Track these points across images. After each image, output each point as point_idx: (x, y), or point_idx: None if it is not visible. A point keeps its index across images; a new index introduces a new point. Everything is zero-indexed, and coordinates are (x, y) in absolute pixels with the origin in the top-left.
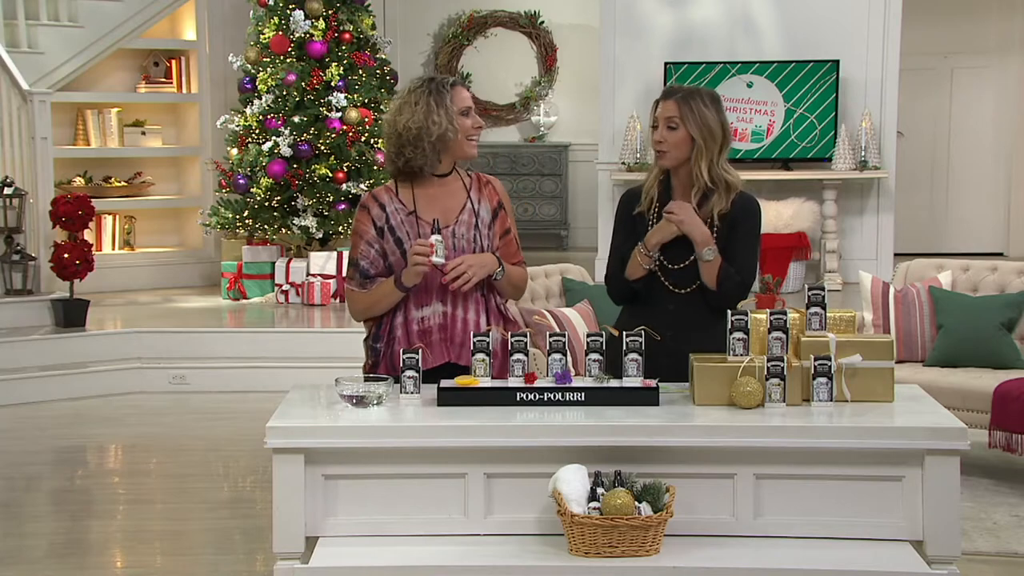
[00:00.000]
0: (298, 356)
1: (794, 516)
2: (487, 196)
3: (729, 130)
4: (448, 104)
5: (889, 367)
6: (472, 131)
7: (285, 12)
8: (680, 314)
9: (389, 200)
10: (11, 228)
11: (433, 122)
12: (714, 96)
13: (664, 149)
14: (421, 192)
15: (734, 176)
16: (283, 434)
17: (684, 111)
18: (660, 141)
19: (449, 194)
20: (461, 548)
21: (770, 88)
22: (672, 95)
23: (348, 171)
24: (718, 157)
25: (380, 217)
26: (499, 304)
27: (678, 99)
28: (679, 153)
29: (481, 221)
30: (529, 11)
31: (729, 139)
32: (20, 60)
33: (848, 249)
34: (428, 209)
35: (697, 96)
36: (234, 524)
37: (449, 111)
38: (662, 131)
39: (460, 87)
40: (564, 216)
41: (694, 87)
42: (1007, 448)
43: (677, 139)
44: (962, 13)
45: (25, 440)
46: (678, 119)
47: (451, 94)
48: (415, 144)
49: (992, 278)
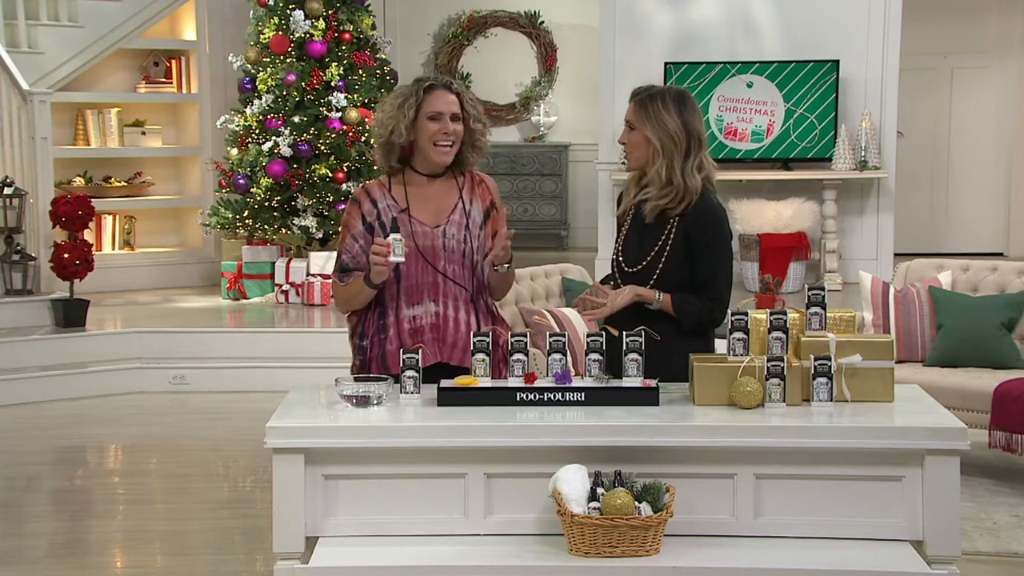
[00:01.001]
0: (298, 356)
1: (794, 516)
2: (480, 196)
3: (697, 132)
4: (407, 107)
5: (889, 367)
6: (438, 136)
7: (285, 12)
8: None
9: (381, 196)
10: (11, 228)
11: (383, 124)
12: (680, 97)
13: (627, 151)
14: (414, 190)
15: (696, 181)
16: (283, 434)
17: (640, 113)
18: (623, 143)
19: (442, 194)
20: (461, 548)
21: (770, 88)
22: (634, 96)
23: (348, 171)
24: (683, 161)
25: (371, 213)
26: (488, 303)
27: (636, 101)
28: (639, 154)
29: (472, 222)
30: (529, 11)
31: (699, 141)
32: (20, 60)
33: (848, 249)
34: (420, 207)
35: (657, 98)
36: (234, 524)
37: (407, 115)
38: (625, 132)
39: (441, 91)
40: (564, 216)
41: (660, 87)
42: (1007, 448)
43: (634, 140)
44: (962, 13)
45: (25, 440)
46: (635, 122)
47: (424, 97)
48: (379, 142)
49: (992, 278)
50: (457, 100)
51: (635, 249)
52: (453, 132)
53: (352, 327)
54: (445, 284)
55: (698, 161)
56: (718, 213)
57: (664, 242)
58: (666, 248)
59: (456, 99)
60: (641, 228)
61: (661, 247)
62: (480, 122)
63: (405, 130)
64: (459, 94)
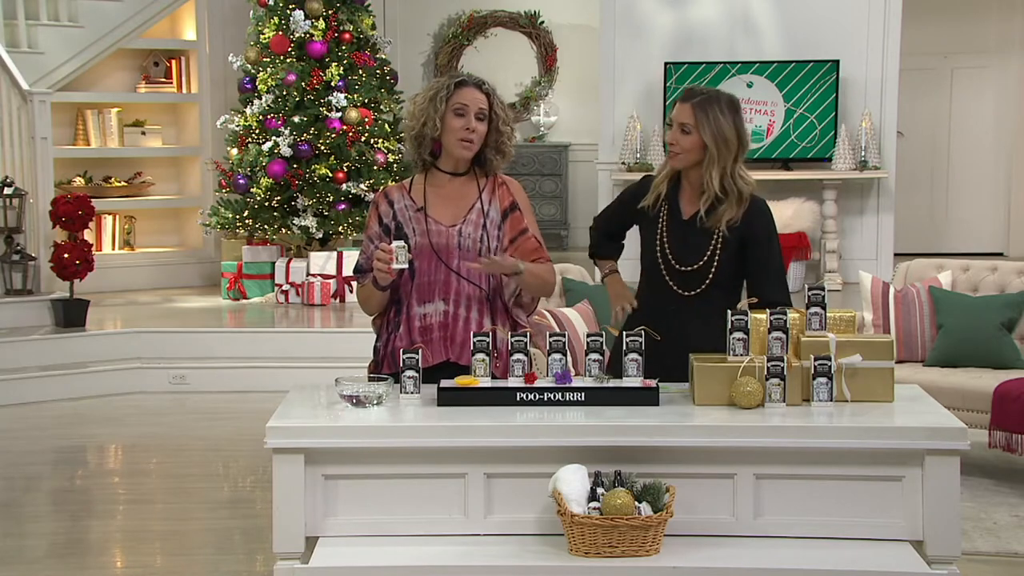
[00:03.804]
0: (298, 356)
1: (794, 516)
2: (499, 196)
3: (746, 137)
4: (439, 101)
5: (889, 367)
6: (461, 131)
7: (285, 12)
8: (683, 316)
9: (400, 197)
10: (11, 228)
11: (415, 117)
12: (733, 103)
13: (676, 151)
14: (433, 190)
15: (747, 184)
16: (283, 434)
17: (700, 117)
18: (673, 143)
19: (461, 193)
20: (461, 548)
21: (770, 88)
22: (690, 99)
23: (348, 171)
24: (732, 165)
25: (387, 214)
26: (507, 305)
27: (695, 104)
28: (690, 157)
29: (490, 222)
30: (529, 11)
31: (746, 146)
32: (20, 60)
33: (848, 249)
34: (437, 207)
35: (715, 102)
36: (234, 524)
37: (438, 108)
38: (676, 133)
39: (468, 87)
40: (564, 216)
41: (714, 92)
42: (1007, 448)
43: (689, 144)
44: (962, 13)
45: (25, 440)
46: (692, 125)
47: (452, 92)
48: (408, 135)
49: (992, 278)
50: (486, 100)
51: (682, 248)
52: (476, 128)
53: (376, 330)
54: (458, 283)
55: (740, 167)
56: (768, 208)
57: (716, 242)
58: (719, 248)
59: (485, 98)
60: (684, 227)
61: (715, 247)
62: (508, 126)
63: (439, 122)
64: (489, 95)
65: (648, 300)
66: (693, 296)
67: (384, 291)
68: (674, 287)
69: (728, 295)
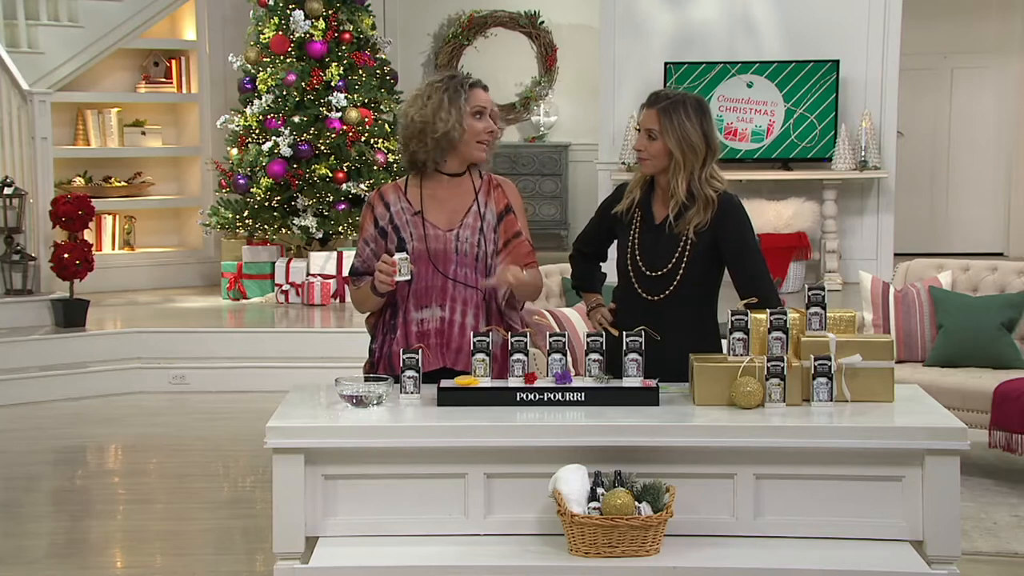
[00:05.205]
0: (298, 356)
1: (794, 516)
2: (495, 199)
3: (714, 140)
4: (461, 103)
5: (889, 367)
6: (482, 134)
7: (285, 12)
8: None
9: (396, 199)
10: (11, 228)
11: (440, 119)
12: (700, 105)
13: (644, 157)
14: (429, 192)
15: (717, 187)
16: (283, 434)
17: (664, 123)
18: (640, 149)
19: (457, 196)
20: (461, 548)
21: (770, 88)
22: (655, 103)
23: (348, 171)
24: (700, 170)
25: (383, 216)
26: (500, 308)
27: (660, 109)
28: (658, 163)
29: (486, 224)
30: (529, 11)
31: (715, 150)
32: (20, 60)
33: (848, 249)
34: (434, 210)
35: (681, 107)
36: (234, 524)
37: (460, 110)
38: (643, 139)
39: (479, 89)
40: (564, 216)
41: (680, 95)
42: (1007, 448)
43: (656, 150)
44: (962, 13)
45: (25, 440)
46: (658, 130)
47: (467, 94)
48: (419, 138)
49: (992, 278)
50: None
51: (651, 252)
52: (495, 130)
53: (370, 329)
54: (454, 289)
55: (710, 170)
56: (740, 207)
57: (684, 246)
58: (686, 252)
59: (489, 99)
60: (655, 231)
61: (682, 251)
62: (500, 124)
63: (457, 125)
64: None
65: (618, 305)
66: (659, 301)
67: (382, 297)
68: (641, 292)
69: (696, 303)
